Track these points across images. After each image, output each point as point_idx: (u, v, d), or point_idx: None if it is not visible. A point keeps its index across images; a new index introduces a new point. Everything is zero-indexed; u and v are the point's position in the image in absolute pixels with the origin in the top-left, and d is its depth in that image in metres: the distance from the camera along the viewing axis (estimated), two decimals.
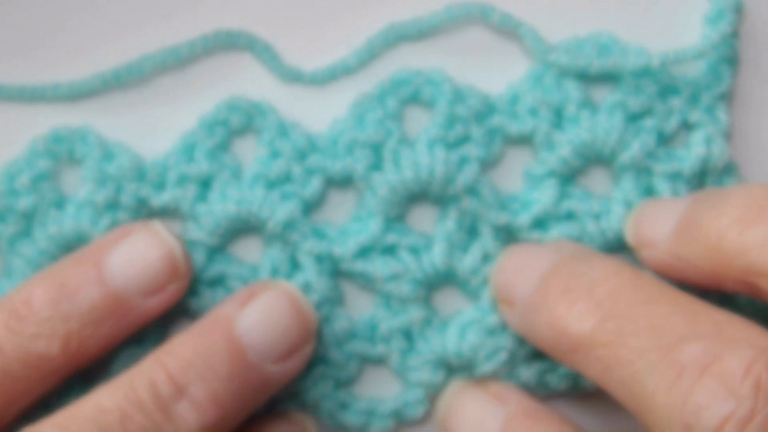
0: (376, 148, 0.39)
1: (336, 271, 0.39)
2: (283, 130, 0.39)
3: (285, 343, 0.36)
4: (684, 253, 0.35)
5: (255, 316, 0.35)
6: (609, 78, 0.39)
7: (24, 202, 0.39)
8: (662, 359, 0.31)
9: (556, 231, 0.39)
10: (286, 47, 0.40)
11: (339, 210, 0.40)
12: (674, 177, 0.39)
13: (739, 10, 0.39)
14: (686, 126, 0.39)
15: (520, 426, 0.36)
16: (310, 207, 0.39)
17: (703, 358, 0.30)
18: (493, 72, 0.40)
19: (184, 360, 0.34)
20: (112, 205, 0.39)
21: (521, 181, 0.40)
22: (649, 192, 0.39)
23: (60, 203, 0.39)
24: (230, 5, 0.40)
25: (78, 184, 0.39)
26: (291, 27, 0.40)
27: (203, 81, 0.40)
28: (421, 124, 0.40)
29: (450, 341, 0.39)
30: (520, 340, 0.38)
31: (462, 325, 0.39)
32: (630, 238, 0.38)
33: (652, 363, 0.31)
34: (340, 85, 0.40)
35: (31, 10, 0.41)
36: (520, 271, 0.37)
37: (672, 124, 0.39)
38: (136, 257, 0.36)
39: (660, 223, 0.36)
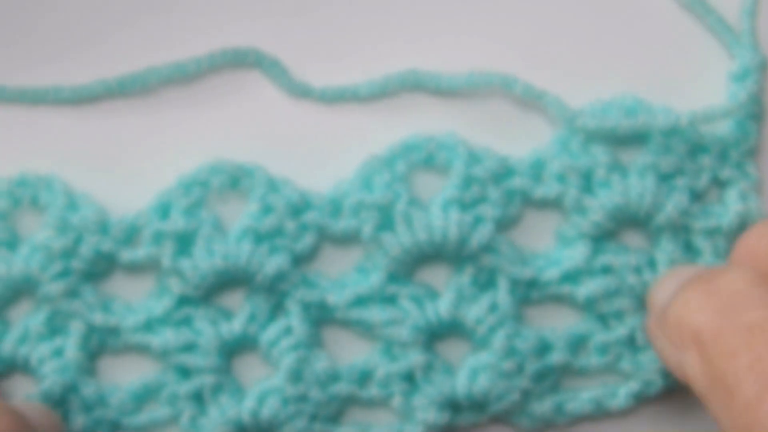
0: (384, 210, 0.39)
1: (327, 318, 0.39)
2: (274, 186, 0.39)
3: None
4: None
5: None
6: (636, 140, 0.39)
7: None
8: None
9: (592, 284, 0.38)
10: (301, 69, 0.41)
11: (333, 265, 0.39)
12: (713, 233, 0.39)
13: (765, 68, 0.39)
14: (717, 183, 0.39)
15: None
16: (301, 261, 0.39)
17: None
18: (510, 140, 0.40)
19: None
20: (68, 254, 0.38)
21: (550, 241, 0.40)
22: (689, 248, 0.39)
23: (12, 244, 0.38)
24: (247, 23, 0.41)
25: (34, 228, 0.39)
26: (310, 49, 0.41)
27: (208, 93, 0.40)
28: (431, 189, 0.39)
29: (461, 384, 0.38)
30: (535, 379, 0.38)
31: (474, 368, 0.38)
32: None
33: None
34: (348, 108, 0.40)
35: (38, 14, 0.41)
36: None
37: (703, 181, 0.39)
38: None
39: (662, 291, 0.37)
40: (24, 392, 0.38)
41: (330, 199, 0.39)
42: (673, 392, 0.39)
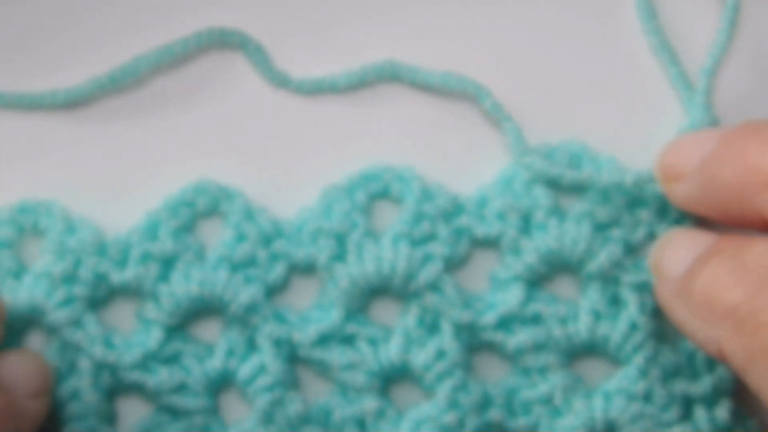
0: (341, 239, 0.39)
1: (294, 356, 0.39)
2: (250, 214, 0.39)
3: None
4: (713, 182, 0.35)
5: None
6: (579, 186, 0.39)
7: None
8: None
9: (522, 334, 0.39)
10: (288, 53, 0.41)
11: (302, 296, 0.40)
12: (641, 287, 0.39)
13: (715, 124, 0.39)
14: (653, 237, 0.39)
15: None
16: (273, 291, 0.39)
17: None
18: (478, 143, 0.41)
19: None
20: (69, 279, 0.38)
21: (487, 283, 0.40)
22: (615, 301, 0.39)
23: (18, 273, 0.39)
24: (234, 7, 0.41)
25: (37, 255, 0.39)
26: (295, 32, 0.41)
27: (197, 81, 0.41)
28: (389, 219, 0.40)
29: None
30: None
31: (416, 421, 0.38)
32: (658, 170, 0.37)
33: None
34: (325, 99, 0.41)
35: (25, 15, 0.41)
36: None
37: (639, 235, 0.39)
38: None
39: (689, 154, 0.36)
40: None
41: (295, 227, 0.39)
42: None
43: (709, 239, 0.35)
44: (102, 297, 0.39)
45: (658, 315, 0.38)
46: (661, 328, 0.39)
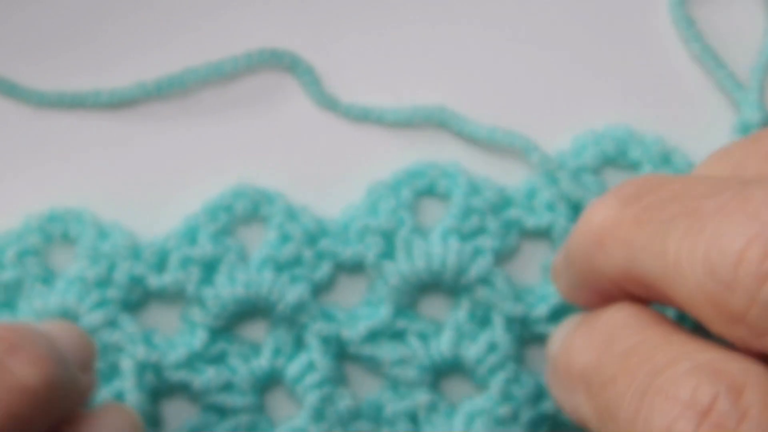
0: (388, 236, 0.39)
1: (343, 353, 0.38)
2: (293, 214, 0.39)
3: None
4: (567, 258, 0.35)
5: None
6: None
7: (8, 276, 0.38)
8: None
9: None
10: (335, 76, 0.41)
11: (348, 294, 0.39)
12: None
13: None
14: None
15: None
16: (320, 290, 0.39)
17: None
18: None
19: None
20: (104, 283, 0.38)
21: (537, 275, 0.39)
22: None
23: (47, 279, 0.39)
24: (289, 29, 0.42)
25: (68, 262, 0.39)
26: (345, 57, 0.42)
27: (244, 97, 0.41)
28: (435, 215, 0.40)
29: (456, 429, 0.37)
30: (530, 428, 0.37)
31: (470, 414, 0.38)
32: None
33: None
34: (371, 128, 0.41)
35: (76, 17, 0.42)
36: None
37: None
38: None
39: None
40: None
41: (341, 225, 0.39)
42: None
43: (579, 316, 0.35)
44: (137, 300, 0.39)
45: None
46: None
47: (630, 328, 0.32)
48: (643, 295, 0.32)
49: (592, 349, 0.32)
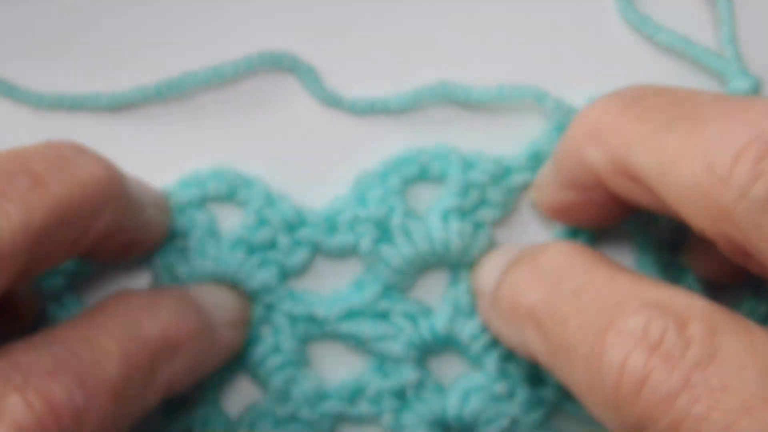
0: (380, 224, 0.39)
1: (316, 334, 0.39)
2: (271, 200, 0.40)
3: None
4: (558, 154, 0.37)
5: None
6: None
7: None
8: None
9: None
10: (334, 74, 0.42)
11: (332, 282, 0.40)
12: None
13: (757, 87, 0.40)
14: None
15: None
16: (289, 275, 0.39)
17: None
18: None
19: None
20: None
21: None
22: None
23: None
24: (285, 31, 0.42)
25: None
26: (342, 54, 0.42)
27: (245, 100, 0.41)
28: (427, 200, 0.40)
29: (451, 405, 0.38)
30: (526, 408, 0.38)
31: (466, 390, 0.38)
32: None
33: None
34: (378, 119, 0.41)
35: (77, 20, 0.42)
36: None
37: None
38: None
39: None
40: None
41: (325, 216, 0.39)
42: None
43: (512, 253, 0.37)
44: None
45: None
46: None
47: (577, 266, 0.34)
48: (626, 191, 0.34)
49: (540, 288, 0.34)
